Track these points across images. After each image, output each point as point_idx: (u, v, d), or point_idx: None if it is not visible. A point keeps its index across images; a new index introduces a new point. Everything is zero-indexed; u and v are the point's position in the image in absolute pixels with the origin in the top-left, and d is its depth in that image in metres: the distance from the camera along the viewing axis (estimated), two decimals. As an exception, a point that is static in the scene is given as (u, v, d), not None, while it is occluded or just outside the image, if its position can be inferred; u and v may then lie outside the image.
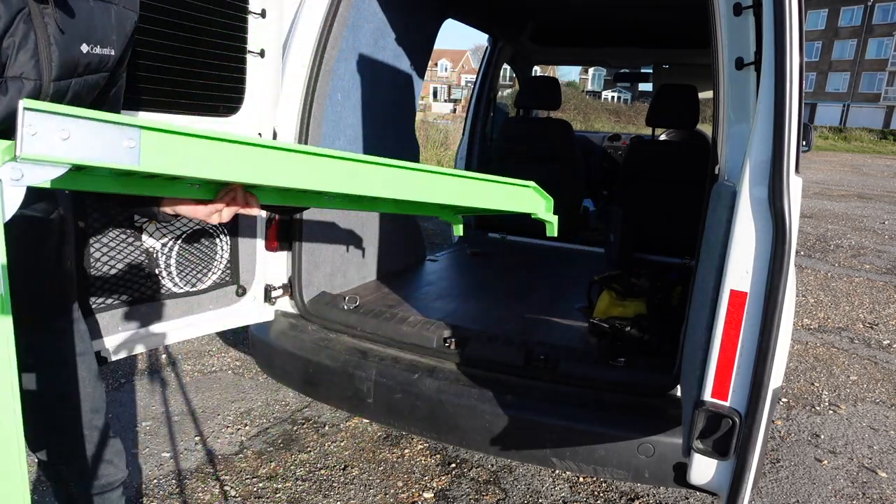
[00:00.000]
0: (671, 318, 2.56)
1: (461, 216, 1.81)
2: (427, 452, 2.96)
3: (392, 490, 2.67)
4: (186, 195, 1.16)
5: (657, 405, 2.04)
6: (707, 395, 1.57)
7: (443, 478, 2.77)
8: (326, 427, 3.15)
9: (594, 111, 32.92)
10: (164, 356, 3.86)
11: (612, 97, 45.52)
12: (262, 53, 2.17)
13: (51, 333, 1.38)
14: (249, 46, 2.13)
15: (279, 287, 2.54)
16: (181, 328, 2.13)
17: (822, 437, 3.31)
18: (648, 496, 2.70)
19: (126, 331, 1.94)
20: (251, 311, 2.46)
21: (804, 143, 1.92)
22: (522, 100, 4.76)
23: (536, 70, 6.03)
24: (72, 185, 0.96)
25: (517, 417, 2.05)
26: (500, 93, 5.71)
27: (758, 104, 1.48)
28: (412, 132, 3.85)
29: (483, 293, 3.29)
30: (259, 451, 2.90)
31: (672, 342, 2.39)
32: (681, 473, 1.82)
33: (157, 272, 2.01)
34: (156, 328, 2.04)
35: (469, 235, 4.67)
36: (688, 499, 2.70)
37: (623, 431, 1.95)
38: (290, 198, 1.37)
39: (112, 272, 1.86)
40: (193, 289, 2.16)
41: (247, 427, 3.11)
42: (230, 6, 2.03)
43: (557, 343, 2.45)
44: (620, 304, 2.74)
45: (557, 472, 2.83)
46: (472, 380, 2.19)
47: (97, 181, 0.99)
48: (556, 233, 1.56)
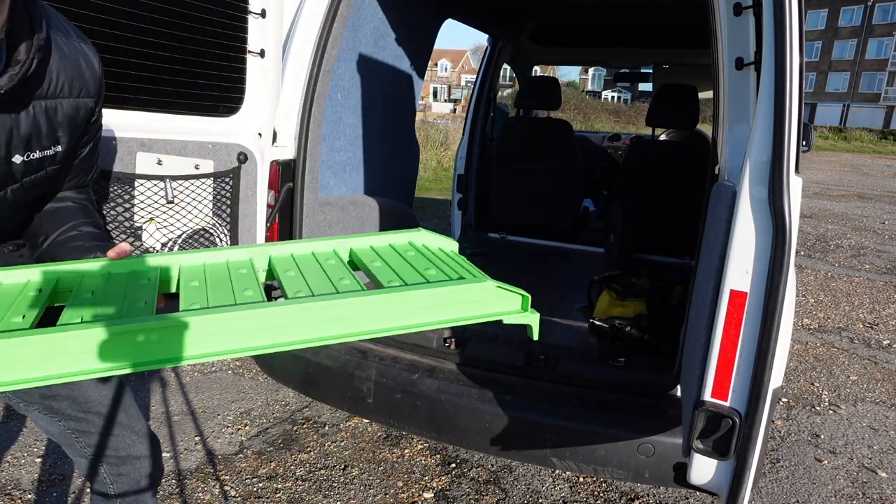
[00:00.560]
0: (671, 318, 2.56)
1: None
2: (427, 452, 2.96)
3: (392, 490, 2.67)
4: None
5: (657, 405, 2.04)
6: (707, 395, 1.57)
7: (443, 478, 2.77)
8: (326, 427, 3.15)
9: (594, 111, 32.90)
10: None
11: (612, 97, 45.52)
12: (262, 53, 2.17)
13: None
14: (249, 46, 2.13)
15: (279, 287, 2.54)
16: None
17: (822, 437, 3.31)
18: (648, 496, 2.70)
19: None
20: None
21: (804, 143, 1.92)
22: (522, 100, 4.76)
23: (536, 70, 6.03)
24: None
25: (517, 417, 2.05)
26: (500, 93, 5.71)
27: (758, 104, 1.48)
28: (412, 132, 3.85)
29: None
30: (259, 451, 2.90)
31: (672, 342, 2.39)
32: (681, 473, 1.82)
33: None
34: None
35: (469, 235, 4.67)
36: (688, 499, 2.70)
37: (623, 431, 1.95)
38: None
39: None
40: (193, 289, 2.15)
41: (247, 427, 3.11)
42: (230, 6, 2.03)
43: (557, 343, 2.45)
44: (620, 304, 2.74)
45: (557, 472, 2.83)
46: (472, 380, 2.19)
47: None
48: (537, 335, 1.16)
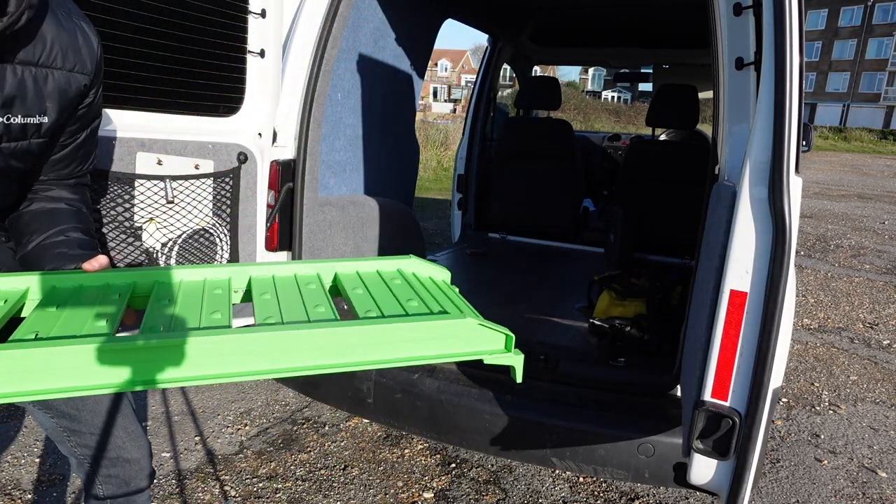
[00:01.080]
0: (671, 318, 2.56)
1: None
2: (427, 452, 2.96)
3: (392, 490, 2.67)
4: None
5: (657, 405, 2.04)
6: (707, 395, 1.57)
7: (443, 478, 2.77)
8: (326, 427, 3.15)
9: (594, 111, 32.90)
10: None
11: (612, 97, 45.52)
12: (262, 53, 2.17)
13: None
14: (249, 46, 2.13)
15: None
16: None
17: (822, 437, 3.31)
18: (648, 496, 2.70)
19: (125, 331, 1.94)
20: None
21: (804, 143, 1.92)
22: (522, 100, 4.76)
23: (536, 70, 6.03)
24: None
25: (517, 417, 2.05)
26: (500, 93, 5.70)
27: (758, 104, 1.48)
28: (412, 132, 3.85)
29: (483, 293, 3.29)
30: (259, 451, 2.90)
31: (672, 342, 2.39)
32: (681, 473, 1.82)
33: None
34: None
35: (469, 235, 4.67)
36: (688, 499, 2.70)
37: (623, 431, 1.95)
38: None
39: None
40: (193, 289, 2.15)
41: (247, 427, 3.11)
42: (230, 6, 2.03)
43: (557, 343, 2.45)
44: (620, 304, 2.74)
45: (557, 472, 2.83)
46: (472, 380, 2.19)
47: None
48: (521, 378, 1.10)
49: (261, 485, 2.65)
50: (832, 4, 52.46)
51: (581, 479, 2.80)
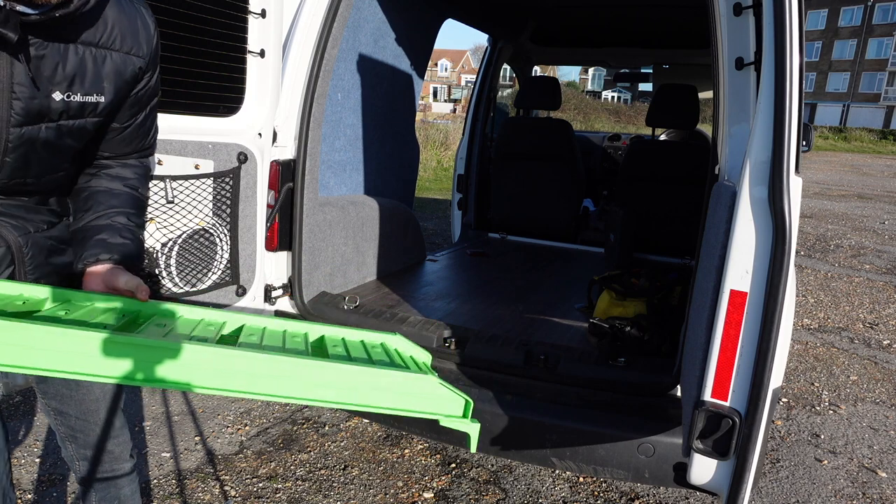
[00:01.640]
0: (671, 318, 2.56)
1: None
2: (427, 452, 2.96)
3: (392, 490, 2.67)
4: None
5: (657, 405, 2.04)
6: (707, 395, 1.57)
7: (443, 478, 2.77)
8: (326, 427, 3.15)
9: (594, 111, 32.93)
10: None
11: (612, 97, 45.52)
12: (263, 53, 2.17)
13: None
14: (249, 46, 2.13)
15: (279, 287, 2.54)
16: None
17: (822, 437, 3.31)
18: (648, 496, 2.70)
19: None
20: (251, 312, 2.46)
21: (804, 143, 1.92)
22: (522, 100, 4.76)
23: (536, 70, 6.03)
24: None
25: (517, 417, 2.05)
26: (500, 93, 5.71)
27: (758, 104, 1.48)
28: (412, 132, 3.86)
29: (483, 293, 3.29)
30: (259, 451, 2.90)
31: (672, 342, 2.39)
32: (681, 473, 1.82)
33: (157, 272, 2.01)
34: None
35: (469, 235, 4.67)
36: (688, 499, 2.70)
37: (623, 431, 1.95)
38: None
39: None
40: (193, 289, 2.16)
41: (247, 427, 3.11)
42: (230, 6, 2.03)
43: (557, 343, 2.45)
44: (620, 304, 2.74)
45: (557, 472, 2.83)
46: (472, 380, 2.19)
47: None
48: (475, 448, 1.12)
49: (261, 485, 2.65)
50: (832, 4, 52.46)
51: (581, 479, 2.80)
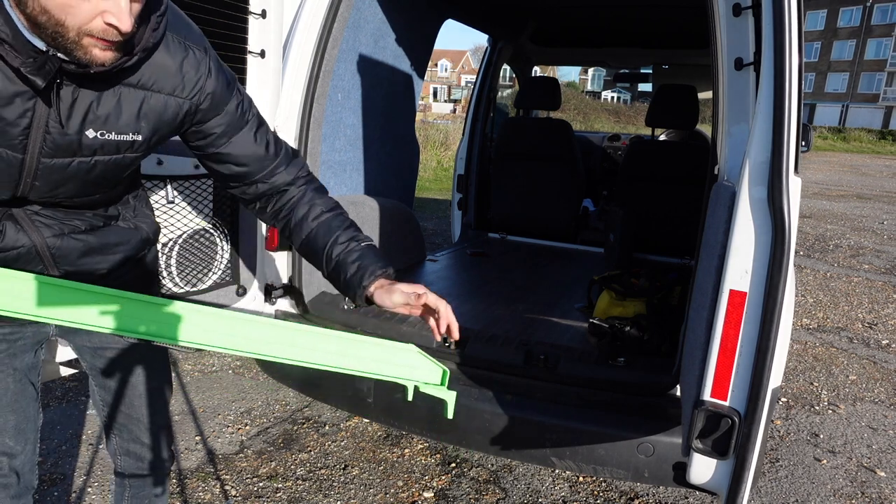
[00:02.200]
0: (671, 318, 2.57)
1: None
2: (427, 452, 2.97)
3: (392, 490, 2.67)
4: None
5: (657, 405, 2.04)
6: (706, 395, 1.57)
7: (443, 477, 2.77)
8: (327, 427, 3.15)
9: (594, 111, 32.95)
10: (164, 356, 3.86)
11: (612, 97, 45.52)
12: (263, 54, 2.17)
13: None
14: (250, 47, 2.13)
15: (279, 287, 2.54)
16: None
17: (822, 437, 3.31)
18: (648, 496, 2.71)
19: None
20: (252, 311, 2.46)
21: (803, 144, 1.93)
22: (522, 100, 4.77)
23: (536, 70, 6.03)
24: None
25: (517, 417, 2.06)
26: (500, 93, 5.71)
27: (757, 104, 1.49)
28: (412, 132, 3.86)
29: (483, 293, 3.30)
30: (259, 451, 2.91)
31: (672, 342, 2.39)
32: (680, 473, 1.82)
33: (158, 272, 2.01)
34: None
35: (469, 235, 4.67)
36: (687, 498, 2.70)
37: (623, 431, 1.95)
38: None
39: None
40: (194, 289, 2.16)
41: (247, 427, 3.12)
42: (230, 7, 2.03)
43: (557, 343, 2.45)
44: (620, 304, 2.75)
45: (557, 472, 2.83)
46: (472, 380, 2.19)
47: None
48: (452, 414, 1.25)
49: (261, 484, 2.65)
50: (831, 5, 52.49)
51: (581, 479, 2.80)
